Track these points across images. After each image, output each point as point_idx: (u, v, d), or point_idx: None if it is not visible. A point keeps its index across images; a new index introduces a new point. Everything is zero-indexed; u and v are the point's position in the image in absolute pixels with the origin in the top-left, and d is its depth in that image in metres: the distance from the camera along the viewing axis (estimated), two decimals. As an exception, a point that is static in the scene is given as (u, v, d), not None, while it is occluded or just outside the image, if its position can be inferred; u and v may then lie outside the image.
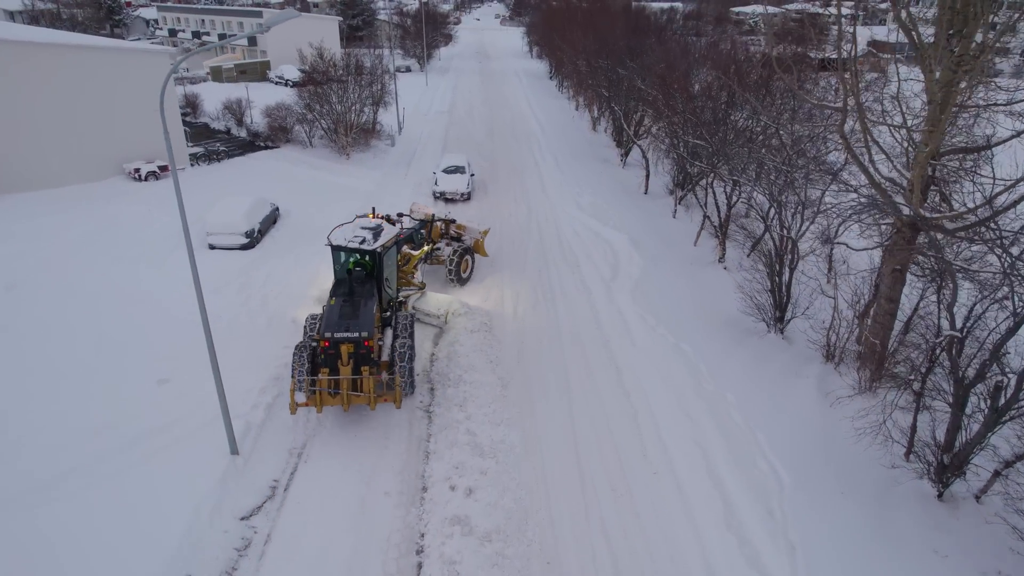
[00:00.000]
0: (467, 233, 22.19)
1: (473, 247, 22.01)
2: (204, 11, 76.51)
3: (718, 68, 24.81)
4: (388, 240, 16.15)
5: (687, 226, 26.19)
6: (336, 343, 13.60)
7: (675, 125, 25.01)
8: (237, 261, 22.37)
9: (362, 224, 16.69)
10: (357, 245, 15.68)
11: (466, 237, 22.14)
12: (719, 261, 22.76)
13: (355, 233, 16.14)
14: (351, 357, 13.69)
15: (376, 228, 16.41)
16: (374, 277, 15.78)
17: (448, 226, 22.26)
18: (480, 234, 22.13)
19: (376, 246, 15.65)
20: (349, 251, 15.99)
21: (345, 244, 15.88)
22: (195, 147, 37.24)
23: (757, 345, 17.31)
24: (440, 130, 44.71)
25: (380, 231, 16.31)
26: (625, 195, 30.68)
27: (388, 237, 16.22)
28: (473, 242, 22.05)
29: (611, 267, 22.30)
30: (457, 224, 22.37)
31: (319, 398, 13.49)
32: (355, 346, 13.67)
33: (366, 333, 13.65)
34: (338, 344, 13.60)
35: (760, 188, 19.55)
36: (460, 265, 21.08)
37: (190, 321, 18.14)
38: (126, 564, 10.62)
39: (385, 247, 15.90)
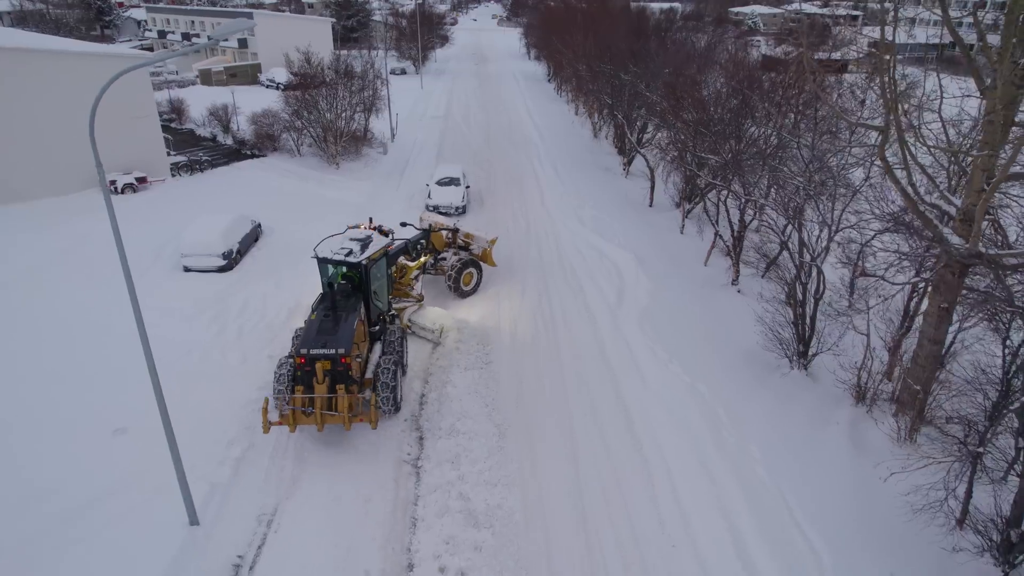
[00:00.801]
0: (474, 242, 21.26)
1: (481, 256, 21.18)
2: (193, 12, 74.72)
3: (728, 74, 23.18)
4: (375, 252, 15.52)
5: (696, 243, 24.59)
6: (312, 360, 13.09)
7: (684, 136, 23.39)
8: (213, 285, 20.71)
9: (352, 236, 16.01)
10: (343, 258, 15.04)
11: (473, 246, 21.26)
12: (732, 283, 21.16)
13: (342, 245, 15.51)
14: (327, 375, 13.14)
15: (365, 240, 15.71)
16: (361, 291, 15.25)
17: (455, 235, 21.27)
18: (488, 243, 21.22)
19: (362, 258, 15.00)
20: (335, 264, 15.35)
21: (331, 256, 15.25)
22: (178, 156, 35.56)
23: (780, 385, 15.70)
24: (435, 136, 43.06)
25: (368, 243, 15.62)
26: (629, 208, 29.06)
27: (376, 249, 15.58)
28: (481, 252, 21.17)
29: (616, 290, 20.68)
30: (465, 233, 21.33)
31: (292, 417, 12.95)
32: (332, 363, 13.14)
33: (343, 350, 13.11)
34: (314, 361, 13.07)
35: (777, 207, 17.98)
36: (461, 277, 20.17)
37: (161, 355, 16.53)
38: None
39: (371, 259, 15.31)
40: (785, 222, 17.93)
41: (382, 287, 16.41)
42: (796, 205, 16.86)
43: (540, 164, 36.45)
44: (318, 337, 13.40)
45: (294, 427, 13.14)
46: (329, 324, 13.86)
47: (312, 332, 13.60)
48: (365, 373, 14.36)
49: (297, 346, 13.47)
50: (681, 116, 22.88)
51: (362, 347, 14.51)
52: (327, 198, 29.70)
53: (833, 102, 14.75)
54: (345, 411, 12.84)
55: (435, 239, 20.65)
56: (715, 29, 79.31)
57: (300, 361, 13.14)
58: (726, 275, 21.61)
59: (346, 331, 13.63)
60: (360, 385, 13.81)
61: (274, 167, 34.19)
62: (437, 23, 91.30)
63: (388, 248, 16.39)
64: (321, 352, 13.09)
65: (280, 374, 13.62)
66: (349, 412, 12.94)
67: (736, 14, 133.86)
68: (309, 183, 31.84)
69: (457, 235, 21.32)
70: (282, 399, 13.11)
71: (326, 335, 13.45)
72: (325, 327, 13.76)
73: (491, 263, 21.47)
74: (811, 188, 16.73)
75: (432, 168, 34.61)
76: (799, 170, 18.42)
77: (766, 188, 20.34)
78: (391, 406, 13.97)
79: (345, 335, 13.49)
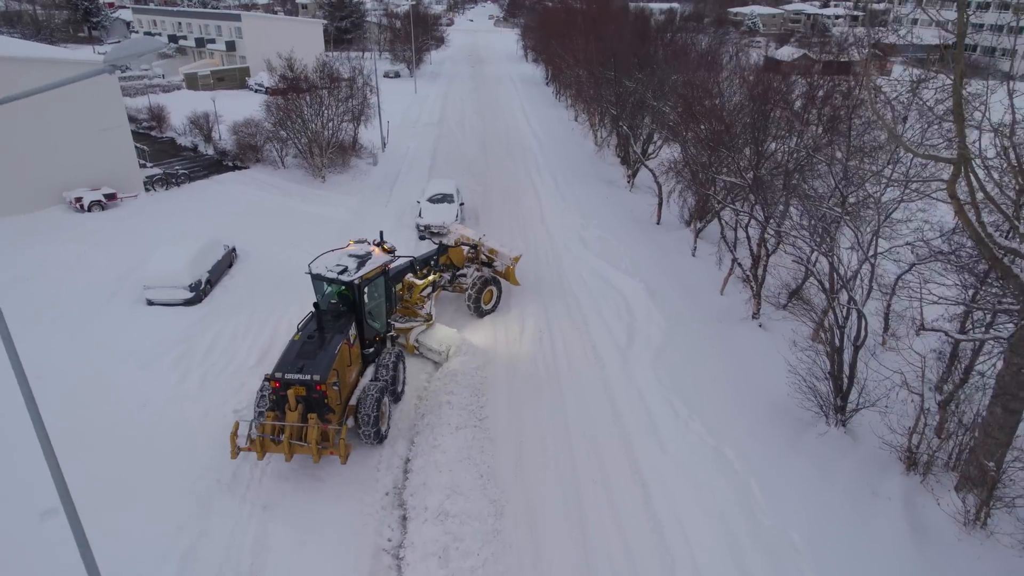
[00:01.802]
0: (498, 259, 20.32)
1: (504, 274, 20.26)
2: (181, 14, 72.52)
3: (747, 83, 21.19)
4: (372, 270, 14.69)
5: (709, 267, 22.61)
6: (286, 384, 12.48)
7: (696, 151, 21.38)
8: (178, 321, 18.64)
9: (350, 251, 15.35)
10: (335, 275, 14.35)
11: (497, 263, 20.33)
12: (753, 317, 19.16)
13: (339, 261, 14.81)
14: (300, 401, 12.52)
15: (363, 256, 15.02)
16: (354, 311, 14.57)
17: (478, 250, 20.27)
18: (512, 261, 20.20)
19: (355, 277, 14.24)
20: (328, 281, 14.64)
21: (324, 273, 14.56)
22: (155, 167, 33.45)
23: (816, 447, 13.70)
24: (428, 145, 40.99)
25: (366, 260, 14.90)
26: (635, 226, 27.06)
27: (374, 267, 14.79)
28: (504, 269, 20.24)
29: (626, 327, 18.67)
30: (489, 248, 20.35)
31: (259, 444, 12.28)
32: (307, 389, 12.48)
33: (318, 376, 12.41)
34: (288, 385, 12.47)
35: (803, 233, 16.02)
36: (482, 296, 19.10)
37: (108, 413, 14.55)
38: None
39: (366, 278, 14.49)
40: (811, 249, 16.03)
41: (379, 307, 15.58)
42: (828, 233, 14.93)
43: (539, 176, 34.41)
44: (296, 360, 12.76)
45: (262, 454, 12.42)
46: (311, 347, 13.14)
47: (290, 354, 13.00)
48: (350, 399, 13.74)
49: (273, 368, 12.80)
50: (695, 130, 20.85)
51: (349, 372, 13.89)
52: (310, 215, 27.63)
53: (891, 124, 12.81)
54: (314, 442, 12.08)
55: (454, 255, 19.69)
56: (716, 30, 77.58)
57: (274, 385, 12.55)
58: (745, 307, 19.61)
59: (325, 356, 12.87)
60: (342, 413, 13.29)
61: (256, 180, 32.11)
62: (432, 24, 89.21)
63: (387, 266, 15.45)
64: (296, 377, 12.42)
65: (261, 396, 13.19)
66: (319, 443, 12.17)
67: (735, 14, 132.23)
68: (292, 198, 29.76)
69: (480, 250, 20.26)
70: (255, 424, 12.50)
71: (304, 359, 12.78)
72: (306, 350, 13.05)
73: (514, 282, 20.47)
74: (844, 213, 14.79)
75: (423, 182, 32.63)
76: (829, 191, 16.49)
77: (793, 214, 18.38)
78: (372, 435, 13.27)
79: (323, 361, 12.75)
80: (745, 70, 23.91)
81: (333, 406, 12.78)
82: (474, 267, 19.91)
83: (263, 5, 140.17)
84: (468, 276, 19.55)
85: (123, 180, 28.64)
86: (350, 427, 13.47)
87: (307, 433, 12.19)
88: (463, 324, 18.89)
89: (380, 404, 13.36)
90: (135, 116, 43.72)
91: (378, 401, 13.30)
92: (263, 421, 12.47)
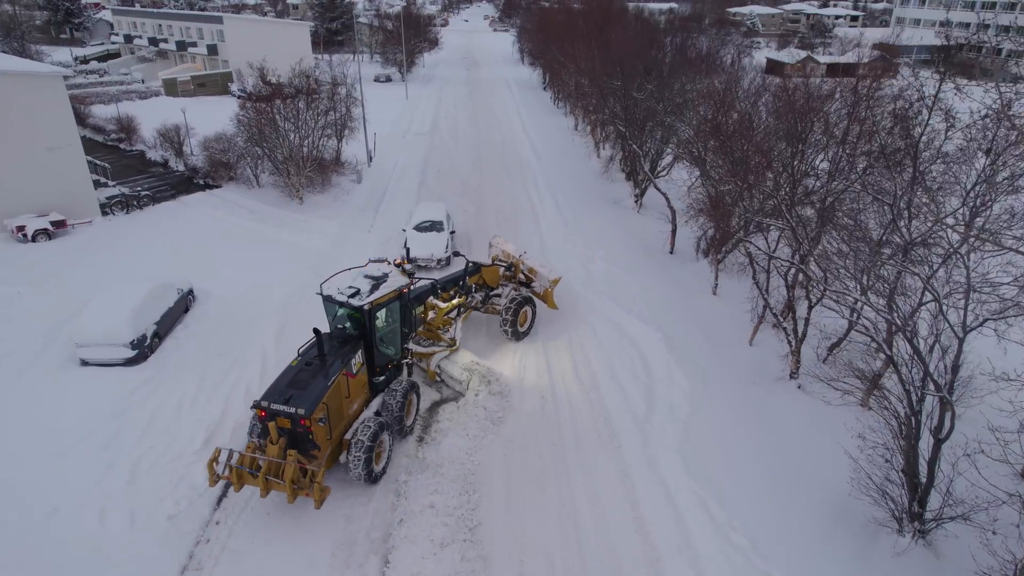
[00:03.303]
0: (536, 279, 19.15)
1: (542, 296, 19.05)
2: (161, 15, 69.42)
3: (781, 103, 18.42)
4: (385, 294, 13.67)
5: (734, 310, 19.81)
6: (272, 414, 11.78)
7: (725, 185, 18.60)
8: (114, 387, 15.75)
9: (366, 272, 14.30)
10: (345, 298, 13.36)
11: (535, 284, 19.18)
12: (791, 377, 16.39)
13: (352, 283, 13.78)
14: (283, 434, 11.87)
15: (378, 278, 13.95)
16: (362, 337, 13.64)
17: (516, 269, 19.25)
18: (550, 283, 18.91)
19: (365, 301, 13.23)
20: (338, 304, 13.59)
21: (335, 296, 13.53)
22: (118, 186, 30.51)
23: (893, 570, 10.93)
24: (418, 159, 38.13)
25: (381, 282, 13.83)
26: (646, 257, 24.26)
27: (388, 290, 13.76)
28: (542, 291, 19.02)
29: (644, 390, 15.88)
30: (529, 267, 19.26)
31: (235, 474, 11.67)
32: (291, 422, 11.72)
33: (303, 410, 11.57)
34: (274, 416, 11.76)
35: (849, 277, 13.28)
36: (518, 318, 17.85)
37: (5, 523, 11.62)
38: None
39: (376, 303, 13.47)
40: (857, 292, 13.29)
41: (393, 333, 14.58)
42: (888, 287, 12.18)
43: (538, 195, 31.59)
44: (285, 390, 12.01)
45: (238, 486, 11.76)
46: (305, 375, 12.36)
47: (281, 382, 12.29)
48: (345, 434, 12.82)
49: (261, 396, 12.08)
50: (722, 159, 18.04)
51: (347, 404, 13.00)
52: (284, 244, 24.75)
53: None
54: (289, 481, 11.27)
55: (488, 274, 18.49)
56: (718, 31, 74.91)
57: (260, 414, 11.92)
58: (781, 362, 16.84)
59: (316, 388, 12.01)
60: (336, 450, 12.58)
61: (227, 202, 29.21)
62: (425, 26, 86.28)
63: (404, 290, 14.28)
64: (280, 408, 11.65)
65: (253, 423, 12.61)
66: (294, 482, 11.32)
67: (734, 14, 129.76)
68: (265, 223, 26.86)
69: (519, 269, 19.26)
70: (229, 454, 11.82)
71: (294, 388, 12.03)
72: (299, 378, 12.28)
73: (552, 305, 19.15)
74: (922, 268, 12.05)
75: (411, 203, 29.83)
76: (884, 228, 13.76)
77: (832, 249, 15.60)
78: (363, 474, 12.31)
79: (312, 393, 11.90)
80: (778, 85, 21.04)
81: (319, 442, 11.94)
82: (510, 286, 18.78)
83: (253, 5, 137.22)
84: (504, 296, 18.26)
85: (76, 204, 25.72)
86: (343, 463, 12.57)
87: (285, 470, 11.37)
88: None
89: (375, 440, 12.44)
90: (102, 127, 40.83)
91: (374, 436, 12.36)
92: (242, 451, 11.79)
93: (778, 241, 17.71)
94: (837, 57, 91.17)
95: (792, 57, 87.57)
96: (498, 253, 20.13)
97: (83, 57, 73.33)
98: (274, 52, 37.97)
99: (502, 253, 19.94)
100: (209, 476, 11.69)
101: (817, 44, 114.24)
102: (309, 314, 19.27)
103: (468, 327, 18.43)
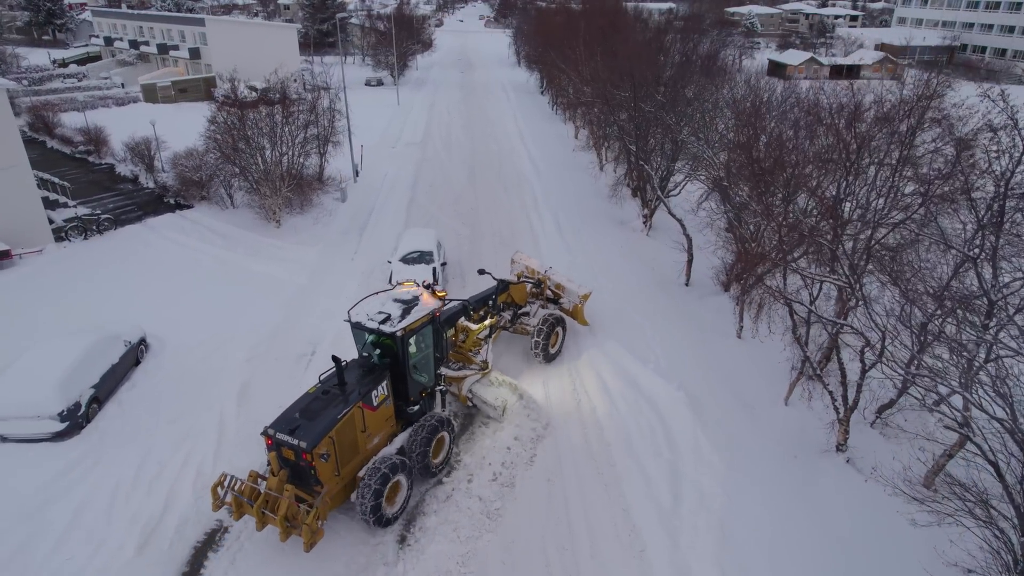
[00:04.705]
0: (565, 295, 18.44)
1: (571, 313, 18.33)
2: (142, 17, 66.62)
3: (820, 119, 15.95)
4: (418, 320, 12.97)
5: (761, 353, 17.44)
6: (277, 444, 11.18)
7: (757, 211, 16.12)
8: (33, 472, 13.17)
9: (395, 295, 13.67)
10: (376, 325, 12.64)
11: (564, 300, 18.49)
12: (838, 449, 13.95)
13: (381, 308, 13.12)
14: (286, 465, 11.32)
15: (409, 302, 13.32)
16: (391, 364, 12.92)
17: (543, 286, 18.61)
18: (580, 299, 18.21)
19: (398, 328, 12.52)
20: (368, 331, 12.86)
21: (364, 323, 12.80)
22: (78, 208, 27.91)
23: None
24: (409, 172, 35.58)
25: (413, 306, 13.19)
26: (659, 289, 21.80)
27: (421, 315, 13.06)
28: (572, 307, 18.34)
29: (668, 471, 13.41)
30: (556, 283, 18.56)
31: (235, 502, 11.17)
32: (294, 454, 11.07)
33: (305, 444, 10.87)
34: (280, 446, 11.15)
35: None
36: (550, 340, 16.92)
37: None
38: None
39: (409, 329, 12.75)
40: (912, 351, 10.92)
41: (427, 359, 13.81)
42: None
43: (537, 214, 29.10)
44: (295, 419, 11.41)
45: (237, 515, 11.31)
46: (318, 405, 11.70)
47: (294, 410, 11.74)
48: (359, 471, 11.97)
49: (271, 422, 11.54)
50: (760, 196, 15.51)
51: (365, 439, 12.22)
52: (256, 277, 22.18)
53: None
54: (280, 517, 10.70)
55: (516, 291, 17.83)
56: (719, 32, 72.47)
57: (267, 442, 11.40)
58: (823, 428, 14.38)
59: (324, 421, 11.29)
60: (347, 488, 11.89)
61: (197, 226, 26.63)
62: (419, 26, 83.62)
63: (436, 313, 13.54)
64: (285, 439, 11.06)
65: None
66: (287, 520, 10.76)
67: (732, 14, 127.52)
68: (236, 252, 24.28)
69: (546, 285, 18.60)
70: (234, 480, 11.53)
71: (304, 419, 11.39)
72: (312, 408, 11.65)
73: (582, 321, 18.51)
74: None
75: (400, 224, 27.38)
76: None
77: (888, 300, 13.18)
78: (371, 518, 11.44)
79: (320, 426, 11.19)
80: (810, 101, 18.52)
81: (322, 479, 11.23)
82: (538, 304, 18.06)
83: (243, 6, 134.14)
84: (532, 315, 17.49)
85: (24, 231, 23.13)
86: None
87: (279, 505, 10.82)
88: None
89: (384, 484, 11.49)
90: (70, 139, 38.18)
91: (383, 480, 11.46)
92: (244, 480, 11.34)
93: (820, 289, 15.23)
94: (841, 59, 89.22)
95: (795, 59, 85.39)
96: (522, 269, 19.27)
97: (62, 60, 70.56)
98: (260, 55, 35.68)
99: (526, 269, 19.13)
100: (213, 500, 11.30)
101: (819, 45, 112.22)
102: (277, 370, 16.87)
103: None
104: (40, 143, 40.24)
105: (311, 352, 17.80)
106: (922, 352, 11.93)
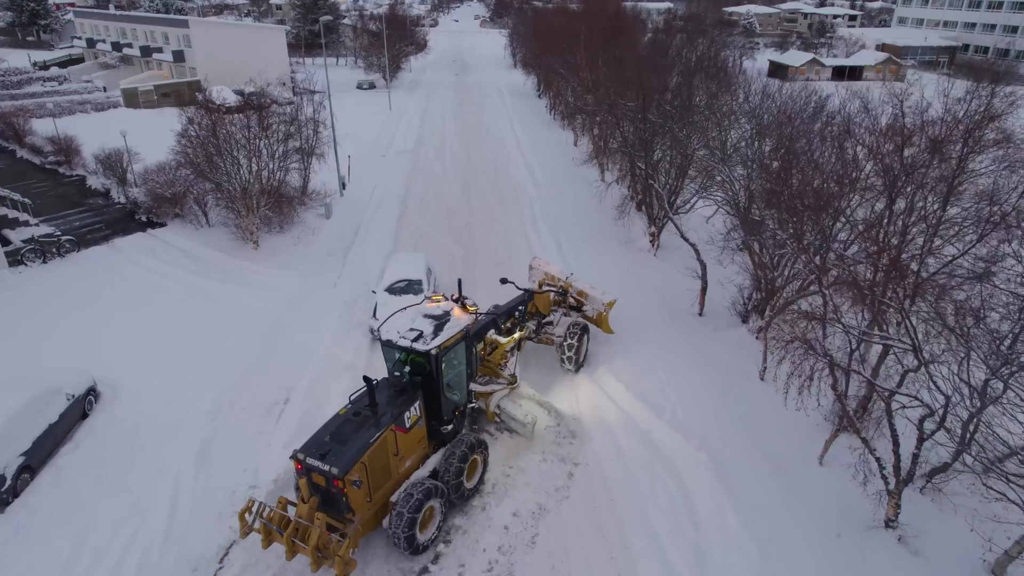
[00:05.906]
0: (588, 303, 17.96)
1: (595, 320, 17.84)
2: (125, 19, 64.41)
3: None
4: (451, 336, 12.32)
5: (791, 403, 15.46)
6: (307, 469, 10.57)
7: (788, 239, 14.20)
8: (-50, 561, 11.22)
9: (425, 311, 12.98)
10: (409, 343, 11.97)
11: (587, 308, 17.99)
12: (888, 525, 12.04)
13: (413, 325, 12.48)
14: (316, 492, 10.68)
15: (441, 318, 12.67)
16: (428, 382, 12.23)
17: (566, 294, 18.14)
18: (604, 306, 17.76)
19: (432, 346, 11.87)
20: (400, 350, 12.24)
21: (397, 341, 12.12)
22: (41, 226, 25.81)
23: None
24: (399, 183, 33.60)
25: (445, 322, 12.54)
26: (671, 320, 19.87)
27: (454, 331, 12.44)
28: (596, 315, 17.85)
29: (693, 556, 11.46)
30: (578, 291, 18.07)
31: (264, 529, 10.49)
32: (325, 480, 10.45)
33: (336, 470, 10.24)
34: (309, 471, 10.55)
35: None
36: (580, 349, 16.62)
37: None
38: None
39: (444, 346, 12.11)
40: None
41: (460, 376, 13.31)
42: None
43: (536, 232, 27.15)
44: (325, 443, 10.79)
45: (266, 543, 10.58)
46: (349, 428, 11.14)
47: (324, 433, 11.13)
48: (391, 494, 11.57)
49: (301, 446, 10.93)
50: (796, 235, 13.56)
51: (398, 463, 11.68)
52: (228, 308, 20.18)
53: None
54: (312, 547, 9.94)
55: (540, 301, 17.44)
56: (719, 33, 70.67)
57: (297, 467, 10.79)
58: (868, 499, 12.44)
59: (356, 446, 10.72)
60: (379, 514, 11.28)
61: (167, 247, 24.59)
62: (412, 27, 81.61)
63: (470, 328, 13.06)
64: (315, 464, 10.42)
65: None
66: (318, 550, 10.02)
67: (731, 14, 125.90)
68: (209, 278, 22.26)
69: (569, 293, 18.13)
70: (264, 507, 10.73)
71: (335, 443, 10.79)
72: (343, 431, 11.06)
73: (607, 329, 18.02)
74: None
75: (388, 244, 25.42)
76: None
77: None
78: (403, 542, 10.91)
79: (352, 451, 10.61)
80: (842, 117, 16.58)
81: (354, 506, 10.77)
82: (560, 312, 17.72)
83: (235, 6, 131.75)
84: (557, 324, 17.07)
85: (-26, 257, 21.08)
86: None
87: (309, 534, 10.24)
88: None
89: (418, 511, 10.99)
90: (39, 148, 36.07)
91: (417, 507, 10.96)
92: (274, 507, 10.75)
93: (860, 343, 13.29)
94: (843, 59, 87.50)
95: (796, 60, 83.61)
96: (541, 277, 18.74)
97: (43, 63, 68.22)
98: (246, 58, 33.67)
99: (546, 276, 18.61)
100: (240, 527, 10.73)
101: (819, 45, 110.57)
102: (244, 424, 14.91)
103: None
104: (10, 152, 38.13)
105: (284, 400, 15.83)
106: (982, 411, 10.21)
